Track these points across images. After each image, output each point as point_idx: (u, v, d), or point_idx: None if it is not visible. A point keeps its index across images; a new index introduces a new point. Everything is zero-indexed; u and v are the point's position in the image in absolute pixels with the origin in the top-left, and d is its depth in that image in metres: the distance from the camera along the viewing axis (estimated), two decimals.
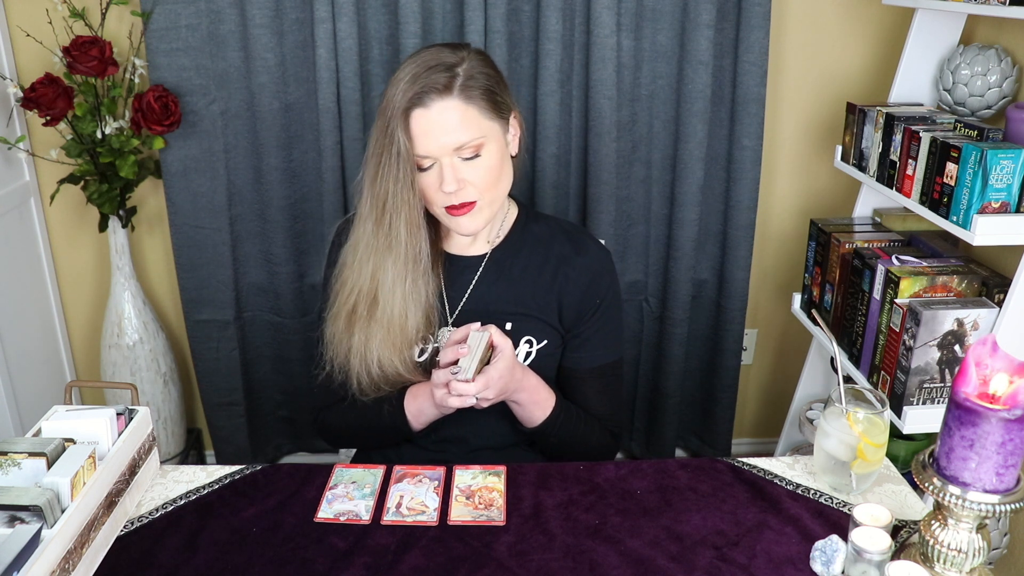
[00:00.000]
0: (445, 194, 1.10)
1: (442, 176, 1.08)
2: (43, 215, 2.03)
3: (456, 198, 1.10)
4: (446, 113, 1.07)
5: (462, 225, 1.13)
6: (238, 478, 1.11)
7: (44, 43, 1.84)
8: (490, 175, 1.11)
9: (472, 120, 1.08)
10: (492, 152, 1.11)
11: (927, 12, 1.74)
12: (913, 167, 1.55)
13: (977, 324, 1.47)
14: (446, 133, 1.07)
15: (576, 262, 1.22)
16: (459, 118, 1.07)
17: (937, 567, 0.87)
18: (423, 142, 1.07)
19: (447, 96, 1.07)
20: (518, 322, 1.21)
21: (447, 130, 1.07)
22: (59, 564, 0.85)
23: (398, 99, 1.07)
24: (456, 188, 1.09)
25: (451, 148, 1.08)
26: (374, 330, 1.15)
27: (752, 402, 2.36)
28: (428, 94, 1.06)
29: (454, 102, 1.07)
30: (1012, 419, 0.79)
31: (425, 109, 1.06)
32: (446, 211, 1.12)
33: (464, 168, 1.09)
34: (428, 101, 1.06)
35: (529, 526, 1.01)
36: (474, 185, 1.10)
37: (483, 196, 1.12)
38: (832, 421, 1.05)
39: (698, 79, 1.86)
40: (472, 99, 1.08)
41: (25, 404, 1.94)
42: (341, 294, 1.17)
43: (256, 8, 1.78)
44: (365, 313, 1.15)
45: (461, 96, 1.07)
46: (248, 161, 1.92)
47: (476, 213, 1.12)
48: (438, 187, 1.10)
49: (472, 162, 1.10)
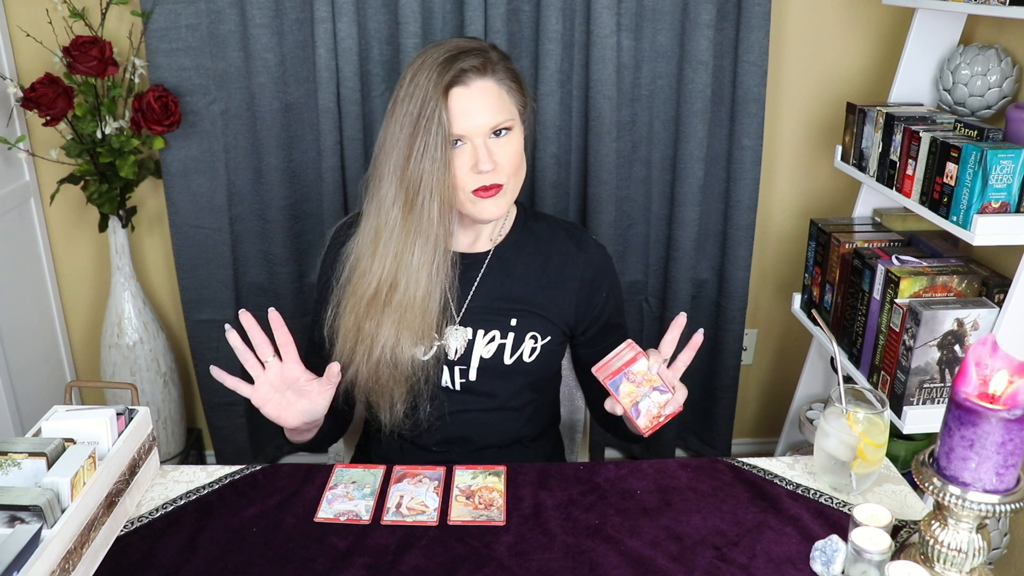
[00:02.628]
0: (477, 175, 1.10)
1: (476, 155, 1.09)
2: (43, 215, 2.03)
3: (488, 178, 1.10)
4: (485, 92, 1.09)
5: (487, 209, 1.12)
6: (238, 478, 1.11)
7: (44, 43, 1.84)
8: (516, 159, 1.13)
9: (505, 102, 1.11)
10: (518, 136, 1.13)
11: (927, 12, 1.74)
12: (913, 167, 1.55)
13: (977, 324, 1.47)
14: (484, 112, 1.08)
15: (578, 258, 1.23)
16: (496, 98, 1.10)
17: (937, 567, 0.87)
18: (461, 120, 1.08)
19: (485, 76, 1.09)
20: (523, 318, 1.21)
21: (485, 109, 1.09)
22: (59, 564, 0.85)
23: (434, 79, 1.07)
24: (491, 167, 1.09)
25: (488, 127, 1.09)
26: (391, 315, 1.13)
27: (752, 402, 2.36)
28: (467, 73, 1.08)
29: (491, 82, 1.10)
30: (1012, 419, 0.79)
31: (465, 88, 1.08)
32: (474, 194, 1.11)
33: (496, 148, 1.10)
34: (468, 80, 1.08)
35: (529, 526, 1.01)
36: (503, 167, 1.11)
37: (509, 180, 1.12)
38: (832, 421, 1.05)
39: (698, 79, 1.86)
40: (504, 81, 1.11)
41: (25, 404, 1.94)
42: (360, 285, 1.14)
43: (256, 8, 1.78)
44: (384, 298, 1.13)
45: (495, 78, 1.10)
46: (248, 161, 1.92)
47: (501, 197, 1.12)
48: (471, 167, 1.10)
49: (503, 141, 1.11)
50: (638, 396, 1.02)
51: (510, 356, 1.21)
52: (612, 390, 1.03)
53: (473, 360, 1.21)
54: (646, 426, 1.03)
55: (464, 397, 1.23)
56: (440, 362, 1.20)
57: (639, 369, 1.02)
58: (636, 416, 1.03)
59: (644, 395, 1.02)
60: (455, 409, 1.24)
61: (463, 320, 1.21)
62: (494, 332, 1.20)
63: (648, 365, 1.02)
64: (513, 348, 1.21)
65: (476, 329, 1.21)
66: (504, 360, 1.21)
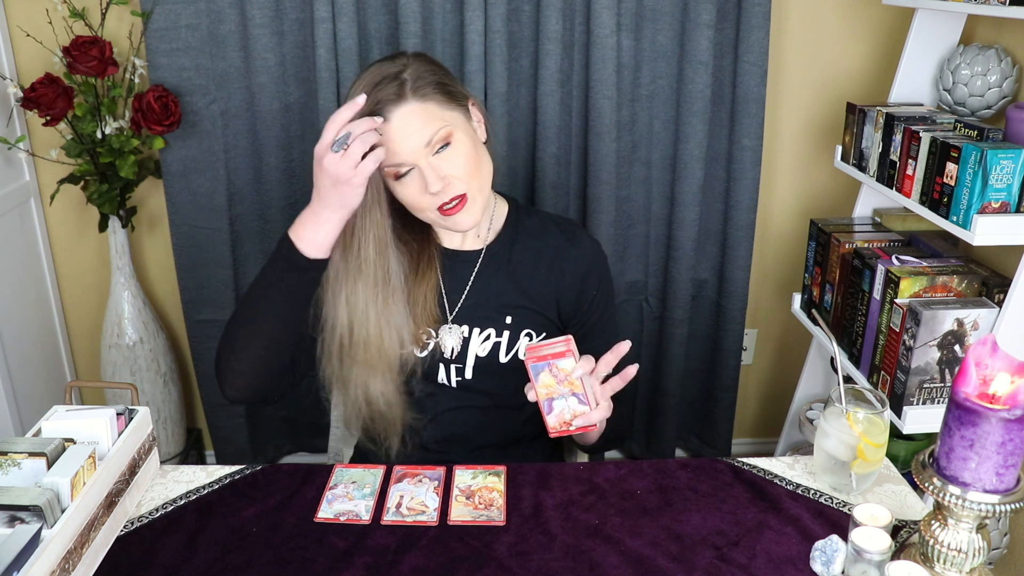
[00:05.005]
0: (432, 196, 1.09)
1: (424, 179, 1.08)
2: (43, 215, 2.03)
3: (446, 195, 1.09)
4: (407, 118, 1.07)
5: (459, 222, 1.12)
6: (238, 478, 1.11)
7: (44, 43, 1.84)
8: (469, 163, 1.11)
9: (433, 114, 1.08)
10: (463, 140, 1.11)
11: (927, 12, 1.74)
12: (913, 167, 1.55)
13: (977, 324, 1.47)
14: (413, 134, 1.07)
15: (571, 253, 1.23)
16: (420, 117, 1.08)
17: (937, 567, 0.87)
18: (393, 151, 1.07)
19: (401, 102, 1.07)
20: (518, 316, 1.21)
21: (413, 131, 1.07)
22: (59, 564, 0.85)
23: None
24: (441, 186, 1.08)
25: (422, 147, 1.07)
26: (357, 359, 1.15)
27: (752, 402, 2.36)
28: (383, 105, 1.06)
29: (411, 105, 1.07)
30: (1012, 419, 0.79)
31: (386, 122, 1.07)
32: (439, 213, 1.11)
33: (442, 163, 1.09)
34: (387, 111, 1.07)
35: (529, 526, 1.01)
36: (457, 177, 1.10)
37: (470, 186, 1.11)
38: (832, 421, 1.05)
39: (698, 79, 1.86)
40: (426, 96, 1.08)
41: (25, 404, 1.94)
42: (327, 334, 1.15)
43: (256, 8, 1.78)
44: (348, 345, 1.14)
45: (415, 97, 1.08)
46: (248, 161, 1.92)
47: (470, 206, 1.12)
48: (424, 191, 1.09)
49: (446, 154, 1.09)
50: (555, 393, 1.00)
51: (505, 354, 1.21)
52: (532, 375, 1.00)
53: (469, 358, 1.21)
54: (553, 427, 1.02)
55: (461, 395, 1.23)
56: (436, 360, 1.21)
57: (564, 366, 0.99)
58: (547, 412, 1.01)
59: (562, 395, 1.00)
60: (453, 407, 1.24)
61: (458, 318, 1.21)
62: (489, 330, 1.21)
63: (573, 367, 1.00)
64: (508, 346, 1.21)
65: (471, 327, 1.21)
66: (500, 358, 1.21)
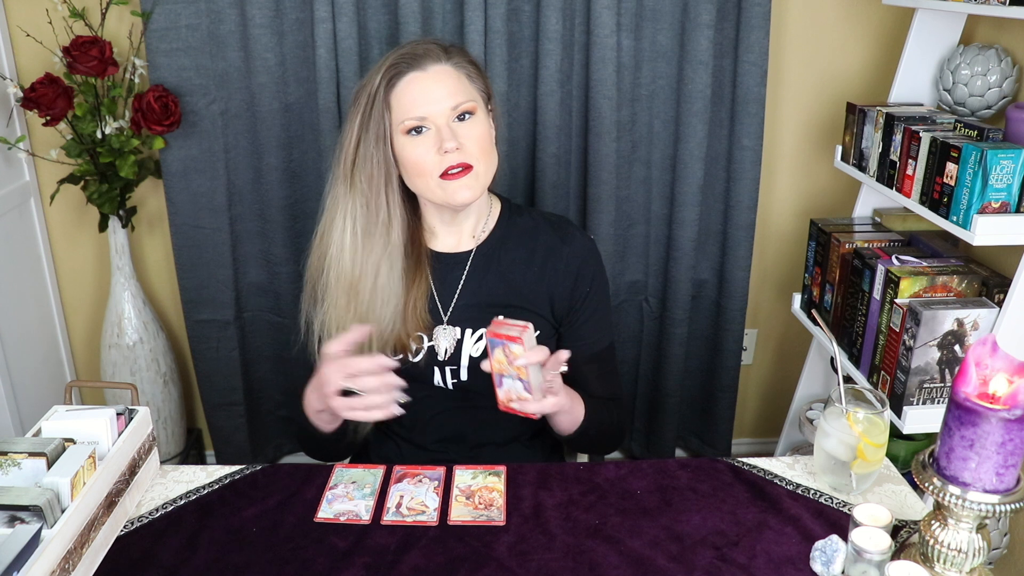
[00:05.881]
0: (442, 156, 1.10)
1: (440, 136, 1.10)
2: (43, 215, 2.03)
3: (455, 158, 1.10)
4: (442, 75, 1.11)
5: (458, 192, 1.12)
6: (238, 478, 1.11)
7: (44, 43, 1.84)
8: (483, 141, 1.13)
9: (465, 84, 1.13)
10: (482, 121, 1.14)
11: (927, 12, 1.74)
12: (913, 167, 1.55)
13: (977, 324, 1.47)
14: (443, 94, 1.10)
15: (563, 251, 1.23)
16: (455, 81, 1.12)
17: (937, 567, 0.87)
18: (421, 104, 1.09)
19: (441, 61, 1.12)
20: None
21: (444, 91, 1.10)
22: (59, 564, 0.85)
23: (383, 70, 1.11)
24: (455, 146, 1.09)
25: (448, 108, 1.10)
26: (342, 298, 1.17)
27: (752, 402, 2.36)
28: (424, 58, 1.11)
29: (448, 67, 1.12)
30: (1012, 419, 0.79)
31: (422, 72, 1.10)
32: (442, 178, 1.11)
33: (461, 129, 1.11)
34: (424, 65, 1.11)
35: (529, 526, 1.01)
36: (469, 148, 1.11)
37: (478, 162, 1.12)
38: (832, 421, 1.05)
39: (698, 79, 1.86)
40: (462, 66, 1.14)
41: (25, 404, 1.94)
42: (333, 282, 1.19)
43: (256, 8, 1.78)
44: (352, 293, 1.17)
45: (454, 64, 1.13)
46: (248, 161, 1.92)
47: (472, 180, 1.12)
48: (435, 150, 1.10)
49: (467, 123, 1.12)
50: (505, 372, 1.04)
51: None
52: (490, 348, 1.04)
53: (463, 360, 1.21)
54: (501, 400, 1.07)
55: (459, 396, 1.23)
56: (431, 363, 1.21)
57: (515, 350, 1.02)
58: (497, 385, 1.06)
59: (511, 376, 1.04)
60: (450, 407, 1.24)
61: (451, 320, 1.21)
62: (482, 331, 1.20)
63: (522, 352, 1.01)
64: None
65: (464, 328, 1.21)
66: None
